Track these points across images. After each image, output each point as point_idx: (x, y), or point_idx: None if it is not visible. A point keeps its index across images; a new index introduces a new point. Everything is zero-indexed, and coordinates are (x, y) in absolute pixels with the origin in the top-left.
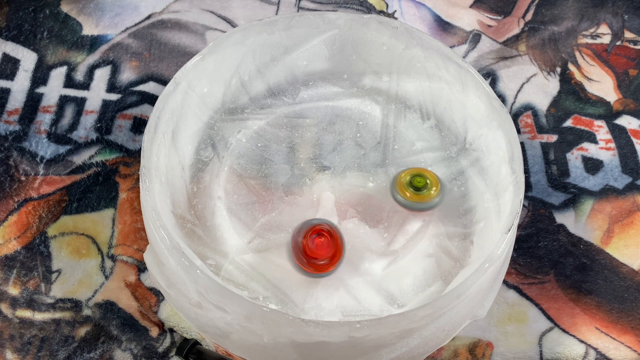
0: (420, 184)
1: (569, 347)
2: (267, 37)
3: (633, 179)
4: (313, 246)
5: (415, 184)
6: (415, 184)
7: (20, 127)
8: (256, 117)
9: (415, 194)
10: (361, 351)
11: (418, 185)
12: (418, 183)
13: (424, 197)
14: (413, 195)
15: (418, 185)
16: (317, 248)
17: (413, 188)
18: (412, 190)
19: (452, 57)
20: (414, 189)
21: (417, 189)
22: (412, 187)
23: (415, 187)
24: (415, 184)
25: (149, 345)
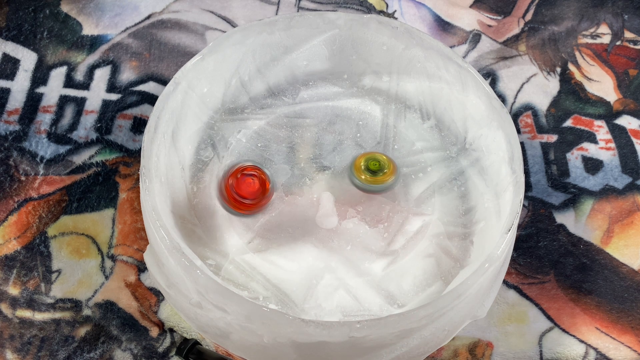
0: (376, 167)
1: (569, 347)
2: (267, 37)
3: (633, 179)
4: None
5: (370, 167)
6: (370, 167)
7: (20, 127)
8: (256, 117)
9: (371, 176)
10: (361, 351)
11: (373, 168)
12: (373, 166)
13: (379, 179)
14: (368, 178)
15: (373, 169)
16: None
17: (369, 171)
18: (368, 173)
19: (452, 57)
20: (370, 172)
21: (373, 172)
22: (368, 170)
23: (371, 171)
24: (370, 167)
25: (149, 345)
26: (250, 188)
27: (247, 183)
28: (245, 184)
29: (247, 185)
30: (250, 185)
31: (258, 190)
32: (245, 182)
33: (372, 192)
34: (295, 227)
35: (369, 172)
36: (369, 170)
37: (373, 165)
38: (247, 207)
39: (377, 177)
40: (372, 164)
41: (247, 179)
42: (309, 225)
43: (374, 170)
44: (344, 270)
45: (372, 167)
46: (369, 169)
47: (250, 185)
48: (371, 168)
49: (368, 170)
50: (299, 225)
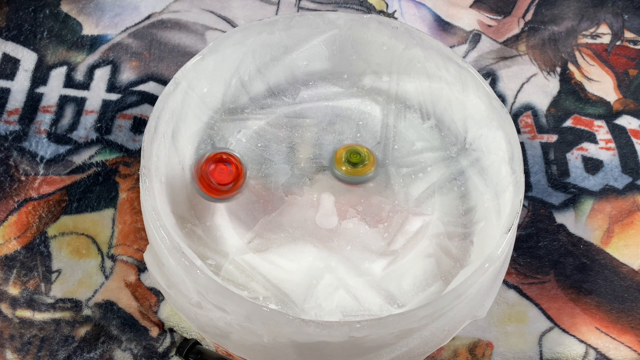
0: (356, 159)
1: (569, 347)
2: (267, 37)
3: (633, 179)
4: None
5: (351, 160)
6: (351, 160)
7: (20, 127)
8: (256, 117)
9: (351, 168)
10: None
11: (354, 160)
12: (354, 159)
13: (359, 171)
14: (349, 169)
15: (354, 161)
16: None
17: (349, 163)
18: (349, 165)
19: (452, 57)
20: (351, 164)
21: (354, 164)
22: (349, 162)
23: (351, 163)
24: (351, 159)
25: (149, 345)
26: (224, 174)
27: (220, 170)
28: (219, 171)
29: (221, 172)
30: (224, 171)
31: (232, 177)
32: (219, 169)
33: (353, 183)
34: (295, 227)
35: (350, 164)
36: (350, 163)
37: (354, 158)
38: (223, 193)
39: (357, 169)
40: (353, 156)
41: (220, 166)
42: (309, 225)
43: (355, 162)
44: (344, 270)
45: (353, 160)
46: (350, 161)
47: (224, 172)
48: (352, 160)
49: (349, 163)
50: (299, 225)
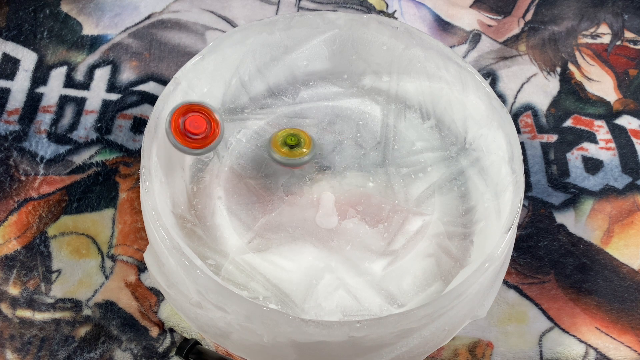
0: (294, 141)
1: (569, 347)
2: (267, 37)
3: (633, 179)
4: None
5: (288, 142)
6: (288, 142)
7: (20, 127)
8: (256, 117)
9: (289, 151)
10: (361, 351)
11: (291, 143)
12: (291, 141)
13: (296, 153)
14: (287, 152)
15: (291, 143)
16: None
17: (287, 146)
18: (287, 148)
19: (452, 57)
20: (288, 146)
21: (291, 147)
22: (286, 145)
23: (289, 145)
24: (288, 142)
25: (149, 345)
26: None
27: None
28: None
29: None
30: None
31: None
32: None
33: (290, 165)
34: (295, 227)
35: (287, 146)
36: (287, 145)
37: (290, 140)
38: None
39: (294, 151)
40: (289, 138)
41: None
42: (309, 225)
43: (292, 144)
44: (344, 270)
45: (290, 142)
46: (287, 143)
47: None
48: (289, 142)
49: (286, 145)
50: (299, 225)
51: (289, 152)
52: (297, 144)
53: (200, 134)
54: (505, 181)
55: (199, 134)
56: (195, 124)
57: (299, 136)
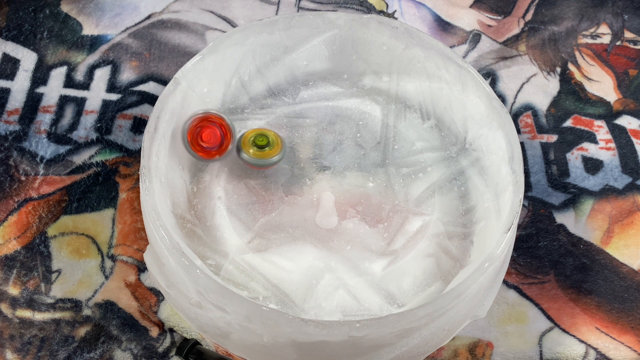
0: (263, 142)
1: (569, 347)
2: (267, 37)
3: (633, 179)
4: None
5: (257, 143)
6: (257, 143)
7: (20, 127)
8: (256, 117)
9: (258, 151)
10: (361, 351)
11: (261, 143)
12: (260, 142)
13: (265, 154)
14: (256, 152)
15: (261, 144)
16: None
17: (256, 146)
18: (256, 148)
19: (452, 57)
20: (257, 147)
21: (260, 147)
22: (255, 145)
23: (258, 146)
24: (257, 142)
25: (149, 345)
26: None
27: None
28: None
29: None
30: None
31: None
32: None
33: (259, 166)
34: (295, 227)
35: (256, 147)
36: (256, 145)
37: (260, 141)
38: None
39: (264, 151)
40: (259, 139)
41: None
42: (309, 225)
43: (261, 145)
44: (344, 270)
45: (259, 142)
46: (256, 144)
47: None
48: (258, 143)
49: (255, 145)
50: (299, 225)
51: (258, 153)
52: (266, 144)
53: (214, 145)
54: (505, 181)
55: (214, 146)
56: (209, 136)
57: (268, 136)
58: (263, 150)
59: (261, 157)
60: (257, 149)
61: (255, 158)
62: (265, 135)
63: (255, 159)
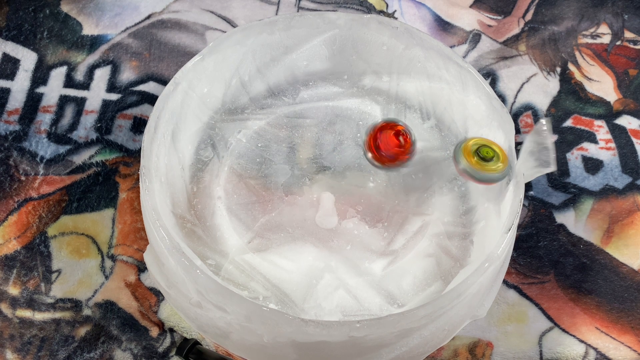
0: (489, 154)
1: (569, 347)
2: (267, 37)
3: (633, 179)
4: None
5: (482, 154)
6: (482, 154)
7: (20, 127)
8: (256, 117)
9: (480, 163)
10: (361, 351)
11: (486, 155)
12: (487, 154)
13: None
14: (477, 163)
15: (486, 156)
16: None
17: (479, 157)
18: (478, 158)
19: (452, 57)
20: (481, 158)
21: (485, 159)
22: (479, 156)
23: (482, 157)
24: (482, 153)
25: (149, 345)
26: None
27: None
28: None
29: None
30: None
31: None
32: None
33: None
34: (295, 227)
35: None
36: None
37: (485, 152)
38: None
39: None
40: (484, 150)
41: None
42: (309, 225)
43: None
44: (344, 270)
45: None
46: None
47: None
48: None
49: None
50: (299, 225)
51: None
52: (492, 157)
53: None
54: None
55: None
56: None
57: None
58: (488, 163)
59: (482, 170)
60: (479, 160)
61: (476, 169)
62: (491, 147)
63: (476, 171)
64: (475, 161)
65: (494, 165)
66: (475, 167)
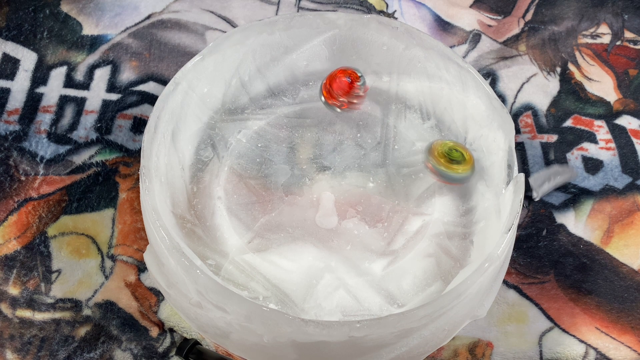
0: (458, 157)
1: (569, 347)
2: (267, 37)
3: (633, 179)
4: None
5: (451, 156)
6: (451, 156)
7: (20, 127)
8: (256, 117)
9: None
10: (361, 351)
11: (455, 157)
12: (456, 156)
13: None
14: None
15: (456, 158)
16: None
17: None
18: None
19: (452, 57)
20: (450, 160)
21: (453, 161)
22: (449, 157)
23: (451, 159)
24: (452, 155)
25: (149, 345)
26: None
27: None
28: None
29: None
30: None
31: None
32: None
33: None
34: (295, 227)
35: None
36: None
37: (455, 155)
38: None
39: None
40: (454, 153)
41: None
42: (309, 225)
43: (456, 159)
44: (344, 270)
45: (453, 156)
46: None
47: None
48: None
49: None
50: (299, 225)
51: (448, 165)
52: (460, 159)
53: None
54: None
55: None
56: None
57: (463, 153)
58: (454, 164)
59: (449, 170)
60: (448, 162)
61: (444, 169)
62: (460, 151)
63: (444, 170)
64: (444, 161)
65: (460, 167)
66: (443, 166)
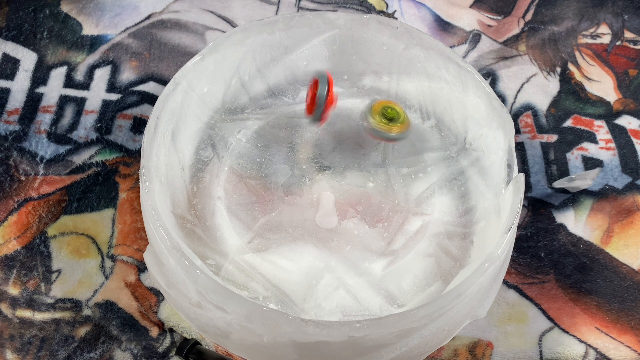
0: (392, 114)
1: (569, 347)
2: (267, 37)
3: (633, 179)
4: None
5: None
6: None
7: (20, 127)
8: (256, 117)
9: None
10: (361, 351)
11: (390, 115)
12: (391, 114)
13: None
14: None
15: (391, 116)
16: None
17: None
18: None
19: (452, 57)
20: (386, 118)
21: (389, 119)
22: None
23: (387, 117)
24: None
25: (149, 345)
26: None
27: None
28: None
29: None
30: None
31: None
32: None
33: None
34: (295, 227)
35: (385, 118)
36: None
37: (391, 112)
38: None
39: (391, 125)
40: (390, 111)
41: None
42: (309, 225)
43: (391, 117)
44: (344, 270)
45: (389, 114)
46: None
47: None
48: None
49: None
50: (299, 225)
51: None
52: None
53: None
54: (505, 181)
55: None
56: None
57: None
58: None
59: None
60: (384, 120)
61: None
62: (395, 108)
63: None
64: (380, 120)
65: (396, 125)
66: (379, 125)
